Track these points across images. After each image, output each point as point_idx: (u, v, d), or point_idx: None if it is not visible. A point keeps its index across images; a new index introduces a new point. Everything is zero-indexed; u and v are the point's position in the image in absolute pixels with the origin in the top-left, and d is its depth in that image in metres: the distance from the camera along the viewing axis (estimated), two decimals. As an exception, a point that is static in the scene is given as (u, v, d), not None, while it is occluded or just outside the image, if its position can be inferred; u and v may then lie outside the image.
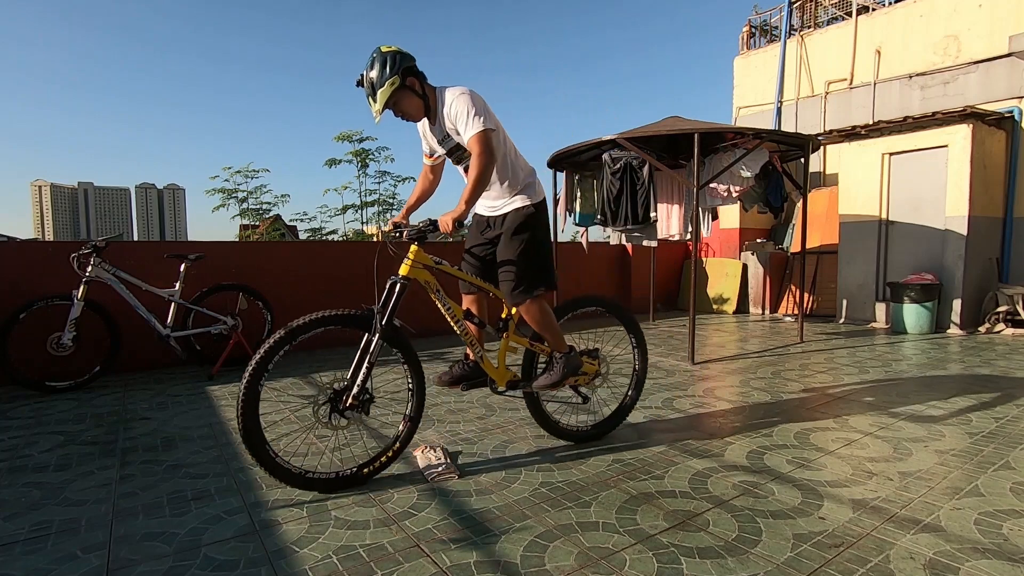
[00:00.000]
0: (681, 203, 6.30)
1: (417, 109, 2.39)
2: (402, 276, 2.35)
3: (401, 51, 2.31)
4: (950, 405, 3.43)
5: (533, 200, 2.52)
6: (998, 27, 6.95)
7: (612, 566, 1.74)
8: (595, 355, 2.86)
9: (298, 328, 2.21)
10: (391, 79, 2.25)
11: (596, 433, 2.91)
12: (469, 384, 2.63)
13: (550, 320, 2.54)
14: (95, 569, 1.77)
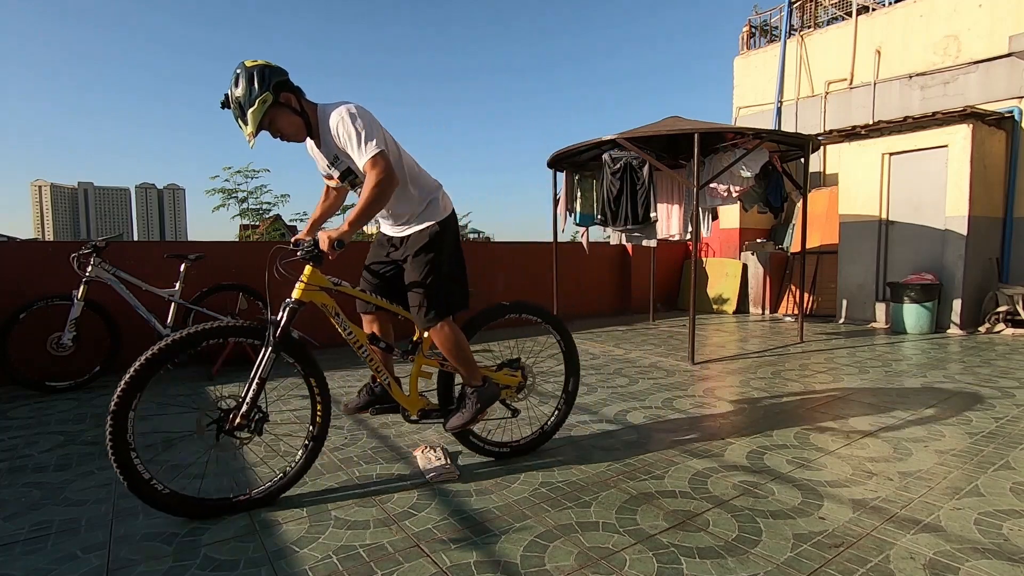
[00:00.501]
0: (681, 203, 6.31)
1: (297, 128, 2.16)
2: (295, 300, 2.20)
3: (270, 64, 2.09)
4: (950, 405, 3.43)
5: (438, 218, 2.35)
6: (998, 27, 6.94)
7: (612, 566, 1.74)
8: (516, 365, 2.72)
9: (180, 342, 2.00)
10: (262, 96, 2.02)
11: (520, 450, 2.69)
12: (379, 409, 2.48)
13: (462, 347, 2.38)
14: (95, 569, 1.77)
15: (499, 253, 7.34)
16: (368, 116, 2.11)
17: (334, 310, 2.29)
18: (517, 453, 2.66)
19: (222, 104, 2.11)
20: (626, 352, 5.35)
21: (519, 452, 2.67)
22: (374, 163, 2.06)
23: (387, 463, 2.61)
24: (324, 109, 2.17)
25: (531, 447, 2.71)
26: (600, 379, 4.25)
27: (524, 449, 2.69)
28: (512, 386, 2.68)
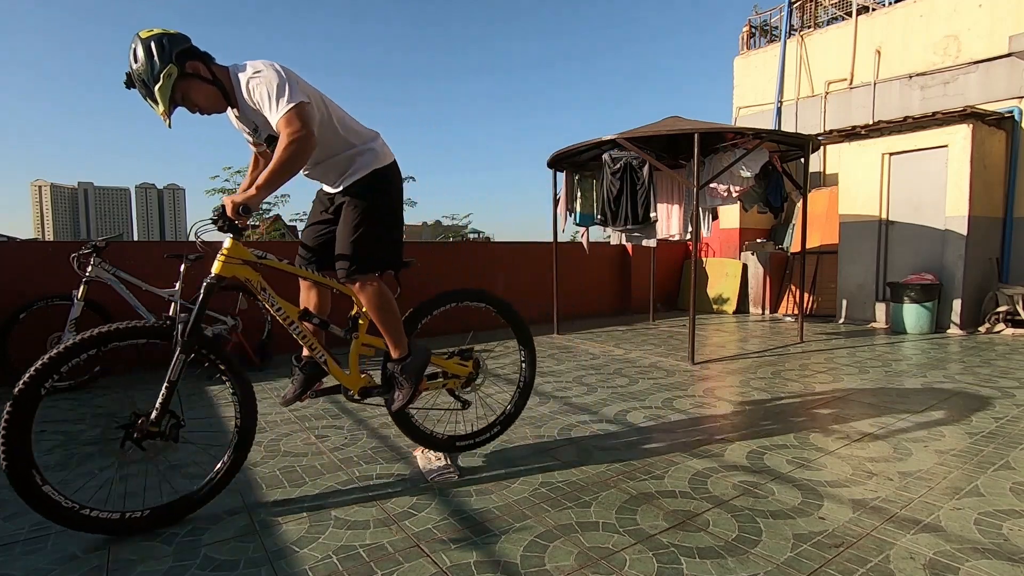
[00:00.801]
0: (681, 203, 6.31)
1: (213, 99, 2.00)
2: (214, 275, 2.00)
3: (169, 32, 1.91)
4: (950, 405, 3.43)
5: (377, 165, 2.21)
6: (998, 27, 6.94)
7: (612, 566, 1.74)
8: (468, 356, 2.62)
9: (73, 348, 1.83)
10: (165, 69, 1.85)
11: (473, 444, 2.66)
12: (317, 392, 2.34)
13: (390, 309, 2.23)
14: (95, 569, 1.77)
15: (499, 253, 7.34)
16: (283, 71, 1.94)
17: (260, 285, 2.11)
18: (465, 447, 2.61)
19: (126, 83, 1.92)
20: (626, 352, 5.35)
21: (465, 446, 2.62)
22: (288, 120, 1.88)
23: (387, 463, 2.61)
24: (235, 71, 1.98)
25: (480, 443, 2.67)
26: (600, 379, 4.25)
27: (473, 443, 2.64)
28: (461, 376, 2.58)
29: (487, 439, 2.70)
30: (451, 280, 6.71)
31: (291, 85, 1.91)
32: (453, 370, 2.56)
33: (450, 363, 2.55)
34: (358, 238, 2.14)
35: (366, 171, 2.19)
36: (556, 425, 3.14)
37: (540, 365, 4.77)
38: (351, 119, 2.23)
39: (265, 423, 3.24)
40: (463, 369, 2.59)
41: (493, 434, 2.72)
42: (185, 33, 1.95)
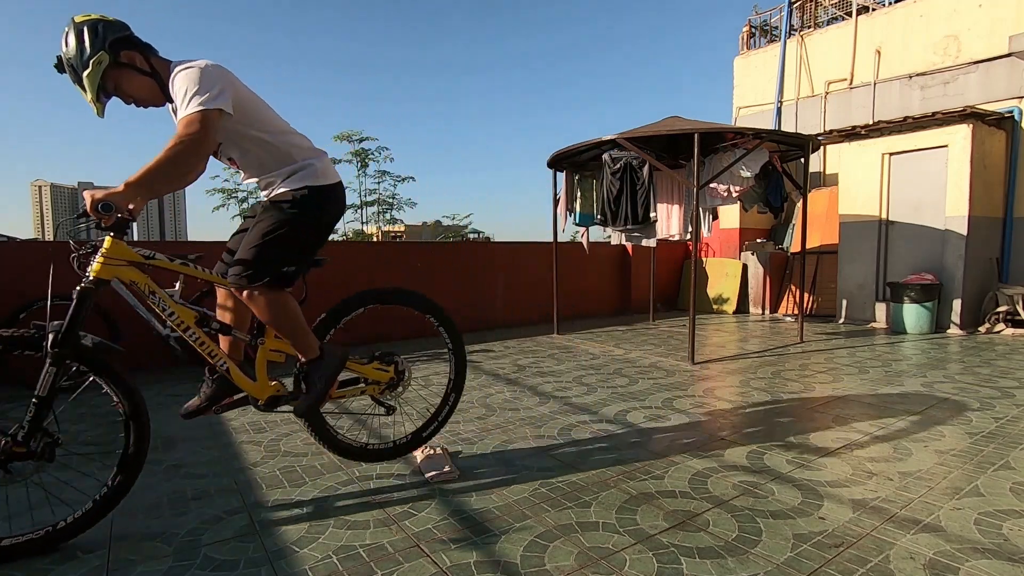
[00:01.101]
0: (681, 203, 6.31)
1: (149, 92, 1.92)
2: (92, 279, 1.84)
3: (106, 19, 1.84)
4: (950, 405, 3.43)
5: (308, 182, 2.08)
6: (998, 27, 6.94)
7: (612, 566, 1.74)
8: (390, 360, 2.51)
9: None
10: (96, 56, 1.77)
11: (395, 452, 2.56)
12: (224, 406, 2.17)
13: (286, 318, 2.07)
14: (95, 569, 1.77)
15: (499, 253, 7.34)
16: (213, 71, 1.83)
17: (148, 288, 1.96)
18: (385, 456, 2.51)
19: (56, 67, 1.84)
20: (626, 352, 5.35)
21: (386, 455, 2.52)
22: (189, 121, 1.75)
23: (387, 463, 2.61)
24: (174, 66, 1.87)
25: (402, 451, 2.56)
26: (600, 379, 4.25)
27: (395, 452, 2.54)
28: (381, 382, 2.46)
29: (409, 447, 2.58)
30: (451, 280, 6.71)
31: (211, 89, 1.79)
32: (372, 375, 2.44)
33: (368, 368, 2.43)
34: (261, 246, 1.99)
35: (298, 185, 2.07)
36: (556, 425, 3.14)
37: (540, 365, 4.77)
38: (298, 135, 2.14)
39: (265, 423, 3.24)
40: (383, 374, 2.46)
41: (415, 441, 2.59)
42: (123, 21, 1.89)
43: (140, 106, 1.96)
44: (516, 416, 3.33)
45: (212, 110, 1.79)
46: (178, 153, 1.73)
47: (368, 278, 6.08)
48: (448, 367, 2.70)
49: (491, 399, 3.71)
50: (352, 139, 12.61)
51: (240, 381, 2.12)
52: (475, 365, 4.81)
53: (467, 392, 3.88)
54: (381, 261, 6.27)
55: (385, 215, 13.39)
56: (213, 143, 1.85)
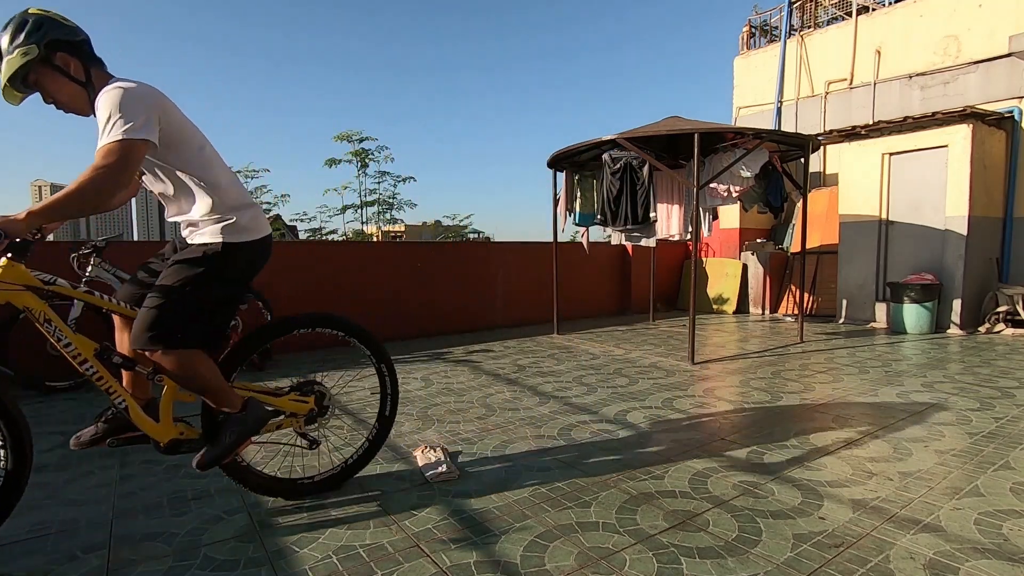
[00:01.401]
0: (681, 203, 6.30)
1: (73, 99, 1.81)
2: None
3: (58, 19, 1.78)
4: (950, 405, 3.43)
5: (225, 237, 1.91)
6: (998, 27, 6.94)
7: (612, 566, 1.74)
8: (309, 390, 2.29)
9: None
10: (24, 47, 1.70)
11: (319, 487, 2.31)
12: (118, 441, 1.98)
13: (196, 375, 1.90)
14: (95, 569, 1.77)
15: (499, 253, 7.34)
16: (142, 98, 1.72)
17: (42, 315, 1.86)
18: (308, 491, 2.27)
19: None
20: (626, 352, 5.35)
21: (311, 490, 2.28)
22: (107, 152, 1.64)
23: (387, 463, 2.61)
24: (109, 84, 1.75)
25: (330, 484, 2.32)
26: (600, 379, 4.25)
27: (318, 487, 2.29)
28: (300, 414, 2.23)
29: (341, 477, 2.36)
30: (451, 280, 6.71)
31: (135, 117, 1.67)
32: (290, 407, 2.21)
33: (283, 400, 2.21)
34: (163, 307, 1.82)
35: (211, 240, 1.90)
36: (556, 425, 3.14)
37: (540, 365, 4.77)
38: (227, 179, 1.98)
39: (265, 423, 3.24)
40: (301, 406, 2.24)
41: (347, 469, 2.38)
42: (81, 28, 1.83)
43: (60, 108, 1.85)
44: (516, 416, 3.33)
45: (135, 140, 1.67)
46: (91, 185, 1.63)
47: (368, 278, 6.08)
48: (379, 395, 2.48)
49: (491, 399, 3.71)
50: (352, 139, 12.60)
51: (140, 421, 1.94)
52: (475, 365, 4.81)
53: (467, 392, 3.89)
54: (381, 261, 6.27)
55: (385, 215, 13.39)
56: (131, 176, 1.72)
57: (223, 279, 1.95)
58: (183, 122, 1.88)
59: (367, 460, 2.43)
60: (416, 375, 4.44)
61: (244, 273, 2.05)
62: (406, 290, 6.35)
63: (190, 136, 1.89)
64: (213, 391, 1.96)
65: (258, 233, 2.04)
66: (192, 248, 1.92)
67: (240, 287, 2.06)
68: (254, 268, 2.09)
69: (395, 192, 13.26)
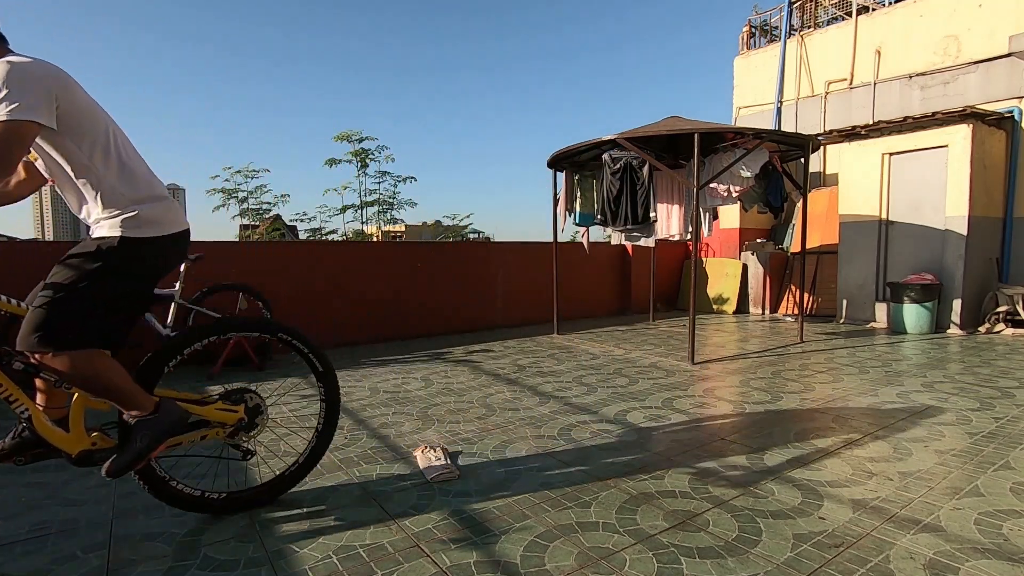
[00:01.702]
0: (681, 203, 6.31)
1: None
2: None
3: None
4: (950, 405, 3.43)
5: (126, 231, 1.76)
6: (998, 27, 6.94)
7: (612, 566, 1.74)
8: (239, 398, 2.15)
9: None
10: None
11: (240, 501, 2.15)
12: (32, 456, 1.81)
13: (96, 377, 1.76)
14: (95, 569, 1.77)
15: (499, 253, 7.34)
16: (36, 75, 1.57)
17: None
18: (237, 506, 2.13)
19: None
20: (626, 352, 5.35)
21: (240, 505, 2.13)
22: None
23: (387, 463, 2.61)
24: None
25: (261, 497, 2.18)
26: (600, 379, 4.25)
27: (248, 500, 2.15)
28: (228, 424, 2.08)
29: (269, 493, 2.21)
30: (451, 280, 6.71)
31: (26, 95, 1.52)
32: (216, 417, 2.05)
33: (209, 409, 2.05)
34: (52, 304, 1.66)
35: (110, 233, 1.76)
36: (556, 425, 3.14)
37: (540, 365, 4.77)
38: (135, 167, 1.84)
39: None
40: (229, 415, 2.08)
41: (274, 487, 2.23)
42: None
43: None
44: (516, 416, 3.33)
45: (22, 122, 1.52)
46: None
47: (368, 278, 6.08)
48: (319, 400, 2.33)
49: (491, 399, 3.71)
50: (352, 139, 12.61)
51: (45, 432, 1.78)
52: (475, 365, 4.81)
53: (467, 392, 3.89)
54: (381, 261, 6.27)
55: (385, 215, 13.39)
56: (14, 162, 1.55)
57: (122, 274, 1.79)
58: (88, 106, 1.72)
59: (300, 476, 2.28)
60: (416, 375, 4.44)
61: (151, 270, 1.88)
62: (406, 290, 6.35)
63: (93, 122, 1.73)
64: (117, 393, 1.81)
65: (167, 228, 1.87)
66: (86, 242, 1.79)
67: (146, 283, 1.88)
68: (165, 265, 1.92)
69: (395, 192, 13.25)
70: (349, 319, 5.91)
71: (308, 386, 4.11)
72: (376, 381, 4.25)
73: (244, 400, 2.16)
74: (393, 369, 4.69)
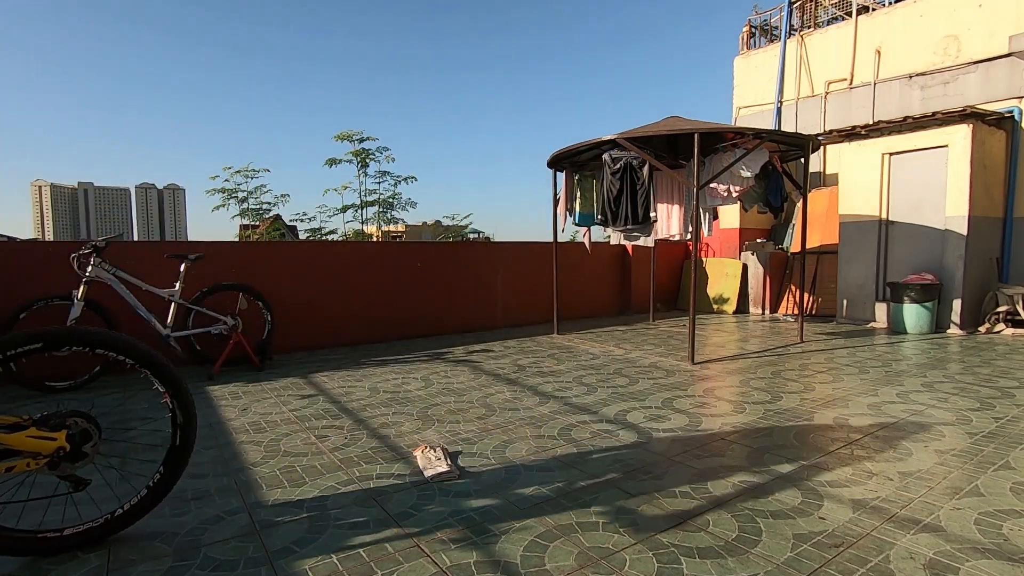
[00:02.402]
0: (681, 203, 6.30)
1: None
2: None
3: None
4: (950, 405, 3.43)
5: None
6: (998, 27, 6.94)
7: (612, 566, 1.74)
8: (59, 424, 1.85)
9: None
10: None
11: (64, 543, 1.85)
12: None
13: None
14: (95, 569, 1.77)
15: (499, 253, 7.34)
16: None
17: None
18: (62, 548, 1.84)
19: None
20: (626, 352, 5.35)
21: (66, 546, 1.85)
22: None
23: (387, 463, 2.61)
24: None
25: (88, 540, 1.88)
26: (600, 379, 4.25)
27: (77, 542, 1.86)
28: (43, 453, 1.78)
29: (103, 531, 1.90)
30: (450, 280, 6.71)
31: None
32: (26, 446, 1.77)
33: (18, 437, 1.76)
34: None
35: None
36: (556, 425, 3.14)
37: (540, 365, 4.77)
38: None
39: (265, 423, 3.24)
40: (44, 444, 1.79)
41: (113, 522, 1.92)
42: None
43: None
44: (516, 416, 3.33)
45: None
46: None
47: (368, 278, 6.08)
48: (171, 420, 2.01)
49: (491, 399, 3.71)
50: (352, 139, 12.60)
51: None
52: (475, 365, 4.81)
53: (467, 392, 3.89)
54: (381, 261, 6.27)
55: (385, 215, 13.38)
56: None
57: None
58: None
59: (146, 509, 1.96)
60: (416, 375, 4.44)
61: None
62: (406, 290, 6.35)
63: None
64: None
65: None
66: None
67: None
68: None
69: (395, 192, 13.25)
70: (349, 319, 5.91)
71: (308, 386, 4.11)
72: (376, 381, 4.25)
73: (67, 426, 1.85)
74: (393, 369, 4.69)
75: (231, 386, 4.13)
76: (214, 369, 4.50)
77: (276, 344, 5.18)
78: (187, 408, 2.03)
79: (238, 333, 4.63)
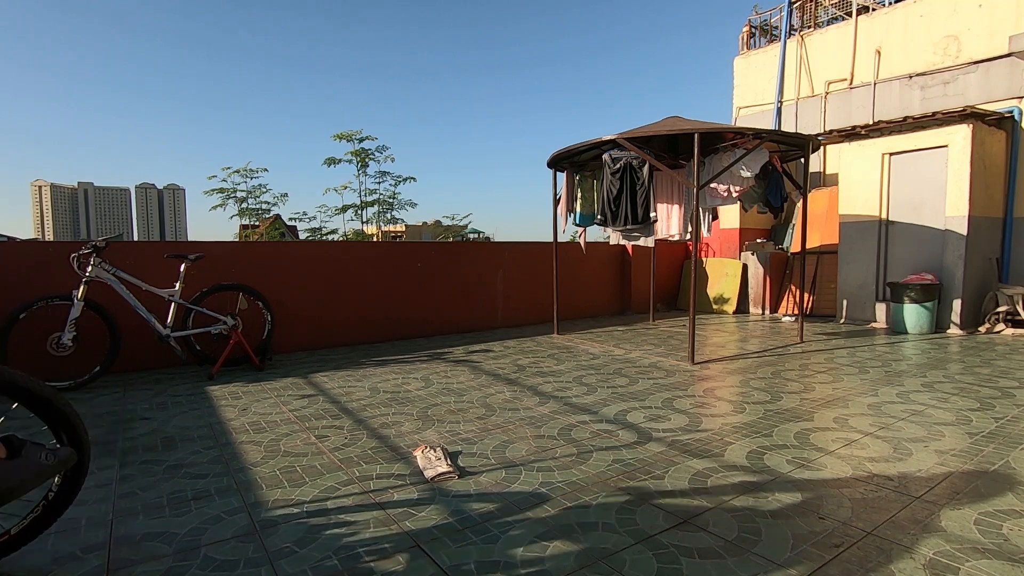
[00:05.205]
0: (681, 203, 6.30)
1: None
2: None
3: None
4: (950, 405, 3.43)
5: None
6: (998, 27, 6.94)
7: (612, 566, 1.74)
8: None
9: None
10: None
11: None
12: None
13: None
14: (95, 569, 1.77)
15: (499, 253, 7.34)
16: None
17: None
18: None
19: None
20: (626, 352, 5.35)
21: None
22: None
23: (387, 463, 2.61)
24: None
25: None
26: (600, 379, 4.25)
27: None
28: None
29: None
30: (450, 280, 6.71)
31: None
32: None
33: None
34: None
35: None
36: (556, 425, 3.14)
37: (540, 365, 4.77)
38: None
39: (265, 423, 3.24)
40: None
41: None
42: None
43: None
44: (516, 416, 3.33)
45: None
46: None
47: (368, 278, 6.08)
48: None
49: (491, 399, 3.71)
50: (352, 139, 12.60)
51: None
52: (475, 365, 4.81)
53: (467, 392, 3.89)
54: (381, 261, 6.27)
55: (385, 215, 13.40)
56: None
57: None
58: None
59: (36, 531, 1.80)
60: (416, 375, 4.44)
61: None
62: (406, 290, 6.35)
63: None
64: None
65: None
66: None
67: None
68: None
69: (395, 192, 13.26)
70: (349, 319, 5.91)
71: (308, 386, 4.11)
72: (376, 381, 4.25)
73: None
74: (393, 369, 4.69)
75: (231, 386, 4.13)
76: (214, 369, 4.50)
77: (276, 344, 5.18)
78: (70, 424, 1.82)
79: (238, 333, 4.63)
